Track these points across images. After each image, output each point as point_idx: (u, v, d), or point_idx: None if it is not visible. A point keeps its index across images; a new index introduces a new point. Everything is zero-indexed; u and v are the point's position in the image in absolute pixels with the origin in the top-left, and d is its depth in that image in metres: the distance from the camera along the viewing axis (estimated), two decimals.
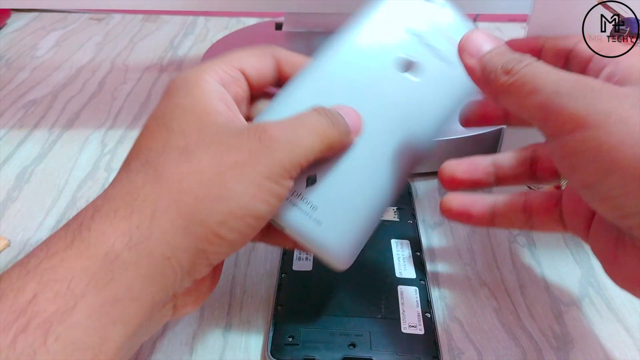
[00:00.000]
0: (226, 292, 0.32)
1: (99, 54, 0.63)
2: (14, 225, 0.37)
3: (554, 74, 0.21)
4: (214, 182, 0.21)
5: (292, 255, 0.33)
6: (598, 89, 0.20)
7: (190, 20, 0.73)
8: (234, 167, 0.21)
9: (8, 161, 0.44)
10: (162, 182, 0.21)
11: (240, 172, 0.21)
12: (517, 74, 0.22)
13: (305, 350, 0.27)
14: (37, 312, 0.18)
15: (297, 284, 0.31)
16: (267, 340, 0.28)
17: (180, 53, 0.64)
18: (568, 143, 0.20)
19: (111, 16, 0.74)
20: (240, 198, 0.21)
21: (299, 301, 0.30)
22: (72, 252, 0.19)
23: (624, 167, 0.19)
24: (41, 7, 0.68)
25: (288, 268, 0.32)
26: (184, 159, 0.22)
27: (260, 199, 0.22)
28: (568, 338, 0.30)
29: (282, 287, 0.31)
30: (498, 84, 0.22)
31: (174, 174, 0.21)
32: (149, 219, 0.20)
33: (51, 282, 0.18)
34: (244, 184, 0.21)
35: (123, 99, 0.54)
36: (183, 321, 0.30)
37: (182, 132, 0.23)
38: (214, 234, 0.21)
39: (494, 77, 0.23)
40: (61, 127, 0.49)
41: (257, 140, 0.22)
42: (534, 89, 0.21)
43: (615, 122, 0.19)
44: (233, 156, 0.22)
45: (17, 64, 0.60)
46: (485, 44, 0.24)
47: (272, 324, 0.29)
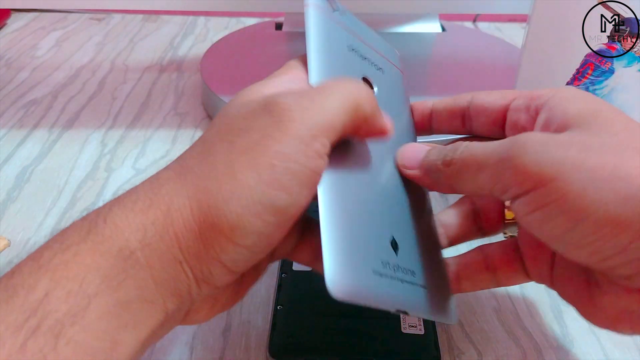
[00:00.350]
0: None
1: (99, 54, 0.63)
2: (14, 225, 0.37)
3: (491, 146, 0.21)
4: (226, 175, 0.19)
5: None
6: (544, 142, 0.20)
7: (191, 20, 0.73)
8: (244, 152, 0.19)
9: (8, 161, 0.44)
10: (183, 178, 0.19)
11: (252, 157, 0.19)
12: (458, 160, 0.22)
13: (305, 350, 0.27)
14: (48, 312, 0.17)
15: (297, 284, 0.31)
16: (267, 340, 0.28)
17: (180, 53, 0.64)
18: (532, 200, 0.20)
19: (111, 16, 0.74)
20: (253, 190, 0.18)
21: (299, 301, 0.30)
22: (86, 246, 0.18)
23: (592, 214, 0.18)
24: (41, 7, 0.69)
25: (288, 268, 0.32)
26: (204, 154, 0.20)
27: (278, 186, 0.18)
28: (568, 338, 0.30)
29: (282, 287, 0.31)
30: (446, 176, 0.23)
31: (194, 170, 0.19)
32: (164, 216, 0.19)
33: (63, 279, 0.18)
34: (256, 171, 0.18)
35: (123, 99, 0.54)
36: None
37: (212, 126, 0.21)
38: (227, 240, 0.19)
39: (440, 173, 0.23)
40: (61, 127, 0.49)
41: (269, 115, 0.19)
42: (480, 165, 0.21)
43: (570, 170, 0.19)
44: (244, 140, 0.19)
45: (17, 64, 0.60)
46: (418, 153, 0.25)
47: (272, 324, 0.29)
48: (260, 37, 0.60)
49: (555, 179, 0.19)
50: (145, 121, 0.50)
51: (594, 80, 0.33)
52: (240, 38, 0.60)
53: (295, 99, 0.20)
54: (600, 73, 0.33)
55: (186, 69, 0.60)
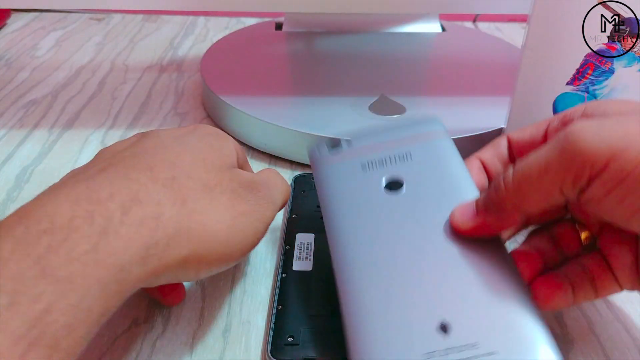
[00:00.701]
0: (226, 292, 0.32)
1: (99, 54, 0.63)
2: None
3: (541, 150, 0.22)
4: (228, 224, 0.24)
5: (292, 255, 0.33)
6: (599, 124, 0.20)
7: (191, 20, 0.73)
8: (241, 215, 0.25)
9: (8, 161, 0.44)
10: (183, 209, 0.23)
11: (246, 219, 0.25)
12: (515, 174, 0.22)
13: (305, 350, 0.27)
14: (48, 323, 0.18)
15: (297, 284, 0.31)
16: (267, 340, 0.28)
17: (181, 53, 0.64)
18: (608, 178, 0.20)
19: (111, 16, 0.74)
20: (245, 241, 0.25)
21: (299, 301, 0.30)
22: (95, 256, 0.20)
23: None
24: (41, 7, 0.68)
25: (288, 268, 0.32)
26: (209, 197, 0.24)
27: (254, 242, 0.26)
28: (568, 338, 0.30)
29: (282, 287, 0.31)
30: (509, 197, 0.23)
31: (195, 203, 0.24)
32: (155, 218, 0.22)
33: (68, 291, 0.19)
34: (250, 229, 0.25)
35: (123, 99, 0.54)
36: (183, 321, 0.30)
37: (212, 171, 0.26)
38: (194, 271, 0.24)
39: (500, 199, 0.23)
40: (61, 127, 0.49)
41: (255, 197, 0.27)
42: (540, 169, 0.21)
43: (633, 141, 0.19)
44: (241, 206, 0.25)
45: (17, 64, 0.60)
46: (468, 206, 0.24)
47: (272, 324, 0.29)
48: (260, 37, 0.60)
49: (625, 149, 0.19)
50: (145, 121, 0.50)
51: (594, 80, 0.33)
52: (240, 38, 0.60)
53: (267, 190, 0.28)
54: (601, 73, 0.33)
55: (186, 69, 0.60)
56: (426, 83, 0.52)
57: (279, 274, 0.32)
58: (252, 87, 0.49)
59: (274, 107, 0.45)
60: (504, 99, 0.40)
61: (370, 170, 0.28)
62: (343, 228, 0.26)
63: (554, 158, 0.21)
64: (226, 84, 0.49)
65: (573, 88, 0.34)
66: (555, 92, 0.34)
